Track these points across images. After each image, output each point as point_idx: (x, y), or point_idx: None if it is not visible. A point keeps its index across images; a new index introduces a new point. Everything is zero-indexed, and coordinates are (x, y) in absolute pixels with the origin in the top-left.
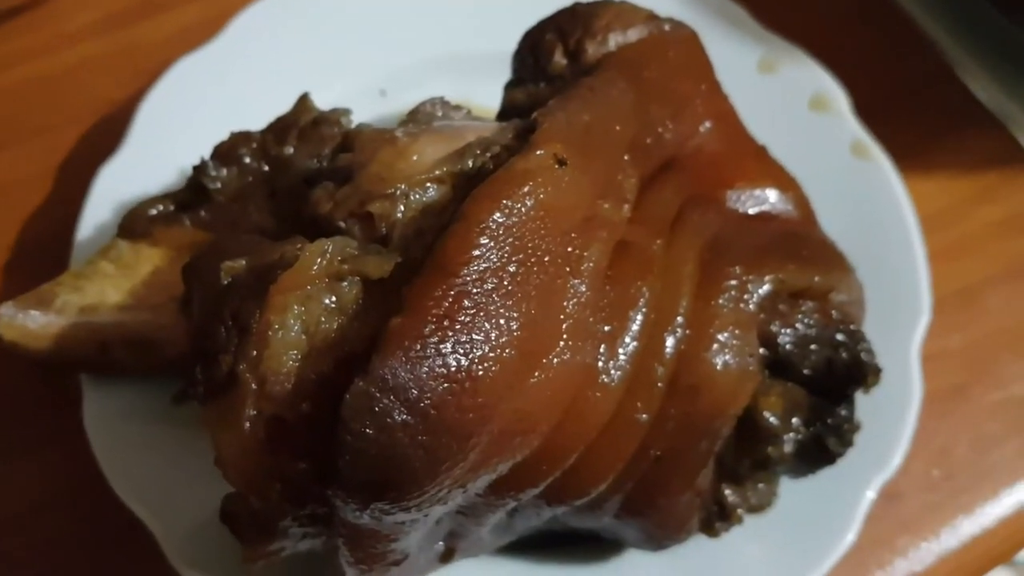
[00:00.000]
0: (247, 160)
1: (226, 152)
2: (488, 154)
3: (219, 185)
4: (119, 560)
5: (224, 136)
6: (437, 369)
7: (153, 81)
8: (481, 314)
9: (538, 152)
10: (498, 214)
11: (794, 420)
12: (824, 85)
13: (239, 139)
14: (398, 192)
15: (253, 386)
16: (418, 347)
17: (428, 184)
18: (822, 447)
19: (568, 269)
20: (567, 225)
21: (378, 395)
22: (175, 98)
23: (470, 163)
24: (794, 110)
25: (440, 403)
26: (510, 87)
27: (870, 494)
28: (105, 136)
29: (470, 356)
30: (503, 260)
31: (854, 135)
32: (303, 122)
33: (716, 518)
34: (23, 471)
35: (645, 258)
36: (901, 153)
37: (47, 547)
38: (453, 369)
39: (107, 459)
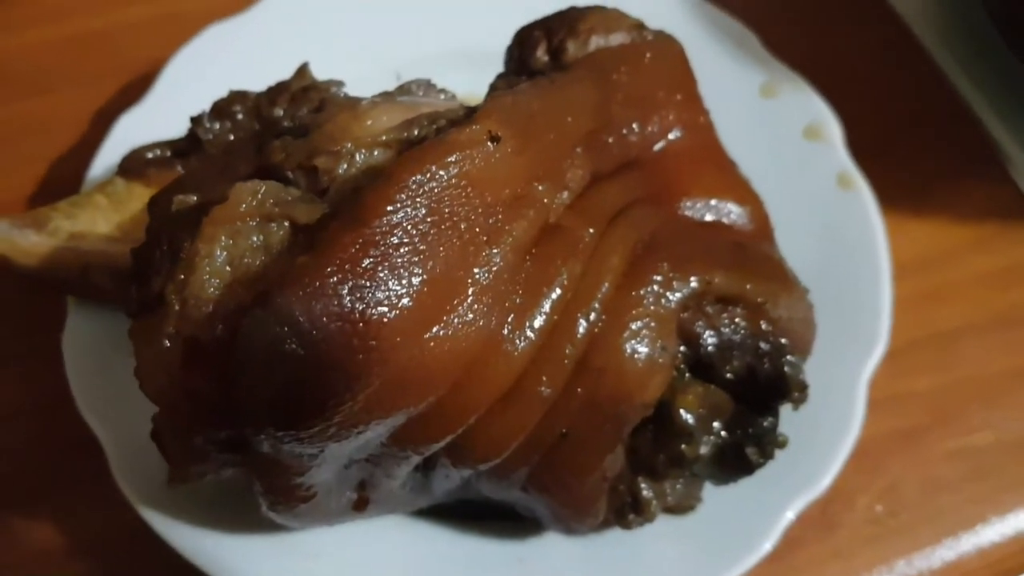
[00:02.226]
0: (240, 117)
1: (222, 108)
2: (434, 126)
3: (211, 137)
4: (74, 472)
5: None
6: (332, 307)
7: None
8: (385, 264)
9: (473, 127)
10: (419, 175)
11: (715, 424)
12: (820, 114)
13: (236, 97)
14: (343, 150)
15: (176, 307)
16: (317, 284)
17: (374, 147)
18: (741, 455)
19: (486, 238)
20: (492, 199)
21: (273, 323)
22: (199, 60)
23: (416, 132)
24: (788, 136)
25: (330, 339)
26: (496, 79)
27: (790, 513)
28: (138, 91)
29: (367, 301)
30: (417, 219)
31: (841, 165)
32: (296, 87)
33: (630, 509)
34: (1, 382)
35: (573, 242)
36: (899, 191)
37: (6, 454)
38: (347, 310)
39: (75, 373)
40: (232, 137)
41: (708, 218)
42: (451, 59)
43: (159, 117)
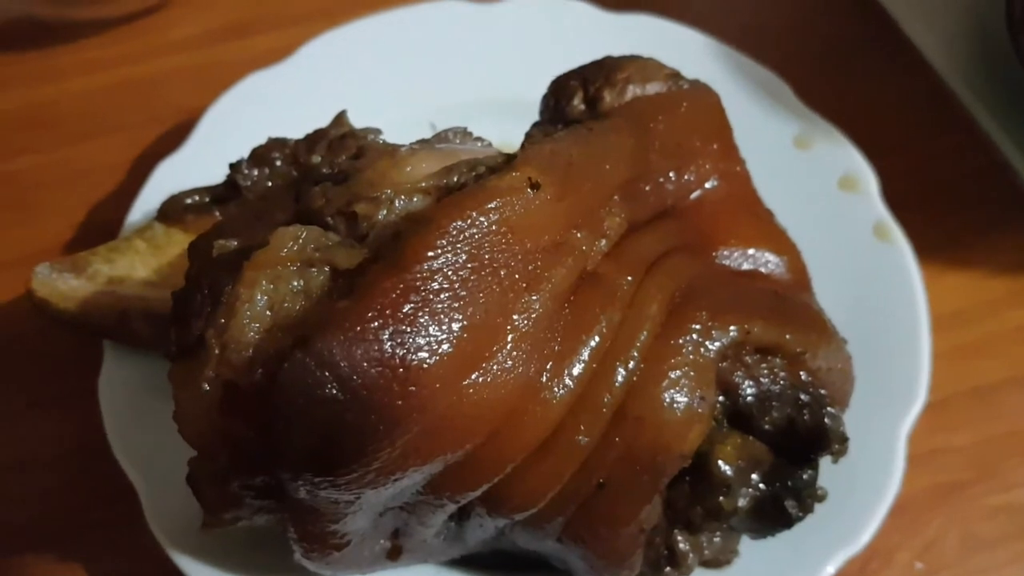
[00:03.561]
0: (278, 164)
1: (261, 155)
2: (473, 172)
3: (250, 183)
4: (107, 517)
5: None
6: (373, 353)
7: None
8: (425, 309)
9: (513, 173)
10: (460, 221)
11: (753, 476)
12: (855, 165)
13: (274, 144)
14: (383, 196)
15: (216, 351)
16: (358, 329)
17: (414, 193)
18: (780, 508)
19: (525, 285)
20: (532, 245)
21: (313, 367)
22: (237, 108)
23: (455, 179)
24: (823, 187)
25: (371, 385)
26: (533, 127)
27: (830, 568)
28: (177, 138)
29: (407, 346)
30: (457, 265)
31: (878, 217)
32: (334, 135)
33: (666, 563)
34: (37, 423)
35: (611, 290)
36: (936, 243)
37: (44, 496)
38: (387, 355)
39: (111, 419)
40: (270, 184)
41: (745, 267)
42: (484, 108)
43: (198, 163)
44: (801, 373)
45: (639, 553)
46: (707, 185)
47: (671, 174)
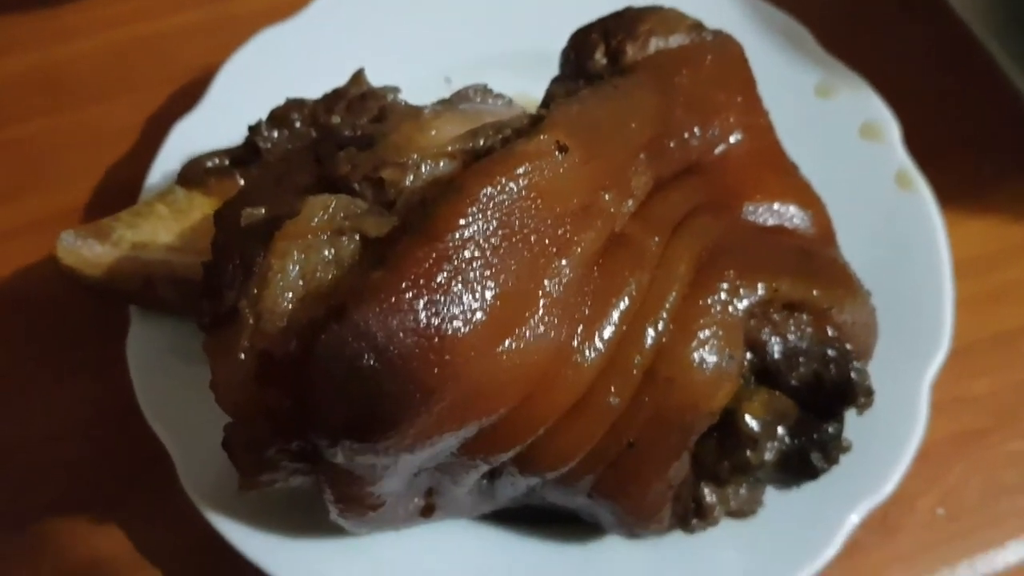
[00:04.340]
0: (297, 125)
1: (280, 116)
2: (500, 135)
3: (270, 145)
4: (141, 480)
5: None
6: (408, 323)
7: None
8: (458, 279)
9: (541, 137)
10: (490, 188)
11: (779, 430)
12: (877, 113)
13: (292, 106)
14: (410, 162)
15: (250, 320)
16: (393, 300)
17: (440, 158)
18: (805, 461)
19: (555, 250)
20: (561, 209)
21: (350, 339)
22: (252, 65)
23: (481, 142)
24: (845, 136)
25: (407, 354)
26: (553, 82)
27: (854, 518)
28: (191, 96)
29: (441, 315)
30: (488, 232)
31: (900, 165)
32: (352, 94)
33: (693, 515)
34: (66, 392)
35: (639, 251)
36: (957, 191)
37: (76, 465)
38: (423, 325)
39: (141, 383)
40: (290, 145)
41: (771, 223)
42: (500, 61)
43: (214, 123)
44: (827, 328)
45: (667, 507)
46: (731, 139)
47: (696, 129)
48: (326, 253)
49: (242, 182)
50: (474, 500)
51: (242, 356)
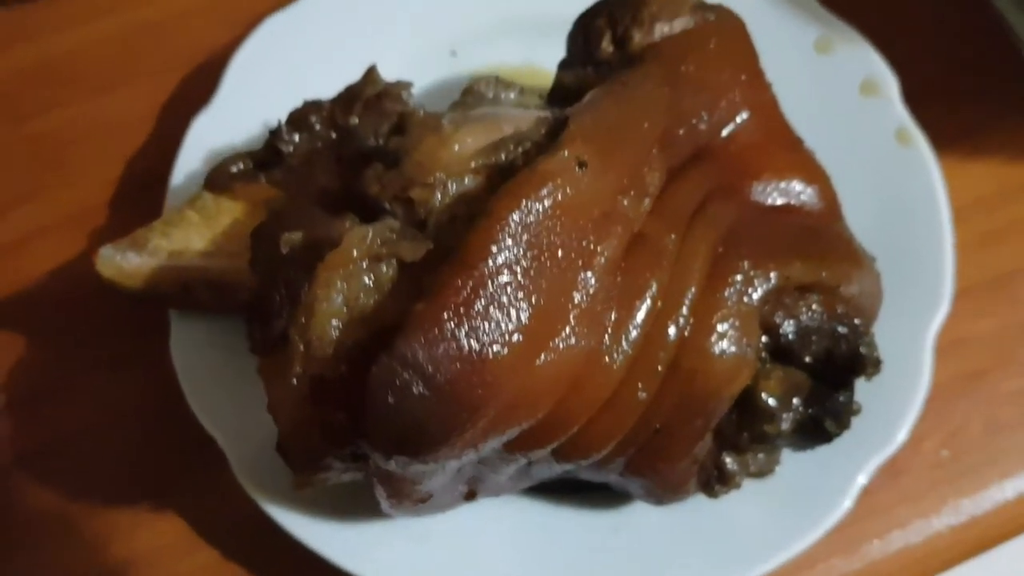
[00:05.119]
0: (317, 127)
1: (298, 119)
2: (520, 149)
3: (291, 149)
4: (189, 467)
5: (304, 90)
6: (452, 351)
7: (245, 32)
8: (495, 304)
9: (562, 154)
10: (517, 213)
11: (794, 400)
12: (876, 69)
13: (310, 108)
14: (436, 180)
15: (301, 347)
16: (436, 331)
17: (465, 174)
18: (819, 427)
19: (581, 263)
20: (584, 221)
21: (399, 370)
22: (262, 55)
23: (503, 156)
24: (844, 92)
25: (453, 379)
26: (561, 68)
27: (862, 479)
28: (201, 82)
29: (482, 340)
30: (519, 255)
31: (900, 121)
32: (368, 94)
33: (716, 481)
34: (107, 384)
35: (657, 251)
36: (952, 134)
37: (127, 454)
38: (466, 351)
39: (187, 380)
40: (310, 147)
41: (780, 201)
42: (503, 29)
43: (230, 118)
44: (837, 305)
45: (693, 480)
46: (737, 120)
47: (703, 114)
48: (366, 280)
49: (266, 184)
50: (513, 481)
51: (295, 381)
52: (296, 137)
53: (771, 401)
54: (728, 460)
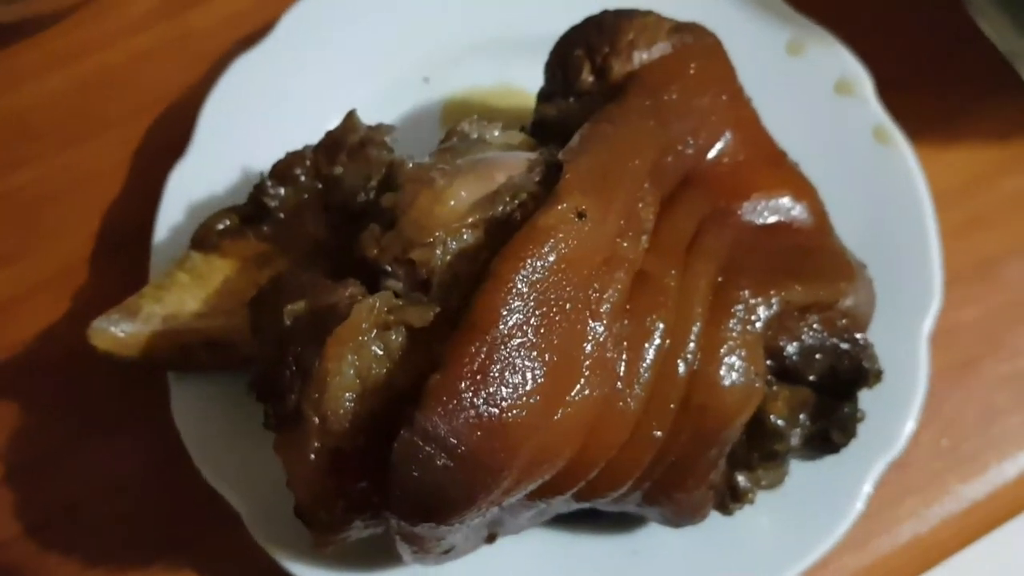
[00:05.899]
0: (302, 179)
1: (282, 172)
2: (516, 200)
3: (277, 203)
4: (194, 530)
5: (280, 130)
6: (471, 419)
7: (211, 69)
8: (509, 367)
9: (559, 207)
10: (522, 272)
11: (801, 416)
12: (850, 68)
13: (293, 159)
14: (436, 239)
15: (316, 420)
16: (455, 402)
17: (463, 230)
18: (827, 439)
19: (588, 313)
20: (587, 271)
21: (421, 444)
22: (233, 98)
23: (500, 208)
24: (820, 93)
25: (475, 448)
26: (541, 100)
27: (870, 483)
28: (171, 126)
29: (500, 405)
30: (528, 315)
31: (877, 119)
32: (351, 142)
33: (729, 500)
34: (108, 448)
35: (660, 290)
36: (926, 123)
37: (131, 520)
38: (485, 418)
39: (192, 441)
40: (296, 199)
41: (771, 220)
42: (473, 52)
43: (208, 166)
44: (836, 321)
45: (709, 505)
46: (722, 141)
47: (689, 139)
48: (376, 349)
49: (254, 239)
50: (531, 520)
51: (313, 456)
52: (281, 190)
53: (779, 422)
54: (740, 478)
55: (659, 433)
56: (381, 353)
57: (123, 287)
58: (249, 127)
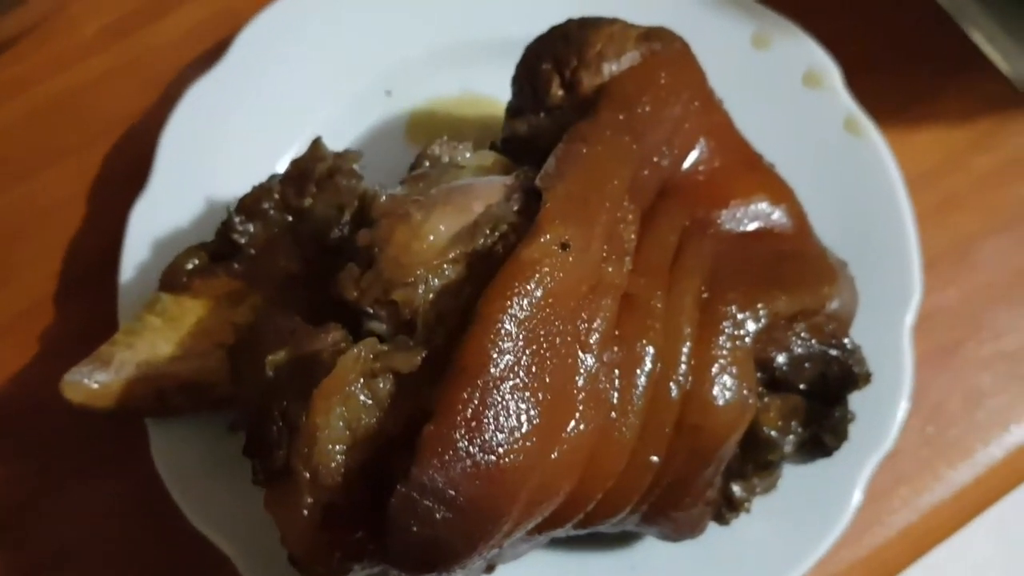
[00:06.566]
0: (271, 212)
1: (250, 206)
2: (497, 232)
3: (247, 239)
4: (189, 563)
5: (242, 155)
6: (468, 468)
7: (166, 92)
8: (503, 411)
9: (542, 239)
10: (510, 312)
11: (792, 423)
12: (817, 60)
13: (260, 193)
14: (417, 278)
15: (306, 475)
16: (450, 452)
17: (444, 266)
18: (819, 443)
19: (577, 345)
20: (574, 303)
21: (419, 498)
22: (191, 128)
23: (481, 241)
24: (788, 86)
25: (473, 497)
26: (511, 115)
27: (862, 481)
28: (129, 153)
29: (495, 451)
30: (517, 355)
31: (847, 111)
32: (319, 172)
33: (726, 510)
34: (90, 493)
35: (647, 312)
36: (895, 105)
37: (119, 564)
38: (482, 466)
39: (174, 484)
40: (265, 234)
41: (751, 226)
42: (434, 62)
43: (170, 198)
44: (823, 327)
45: (706, 520)
46: (696, 148)
47: (664, 149)
48: (364, 399)
49: (225, 277)
50: (530, 548)
51: (305, 512)
52: (250, 226)
53: (773, 433)
54: (736, 488)
55: (655, 458)
56: (370, 402)
57: (90, 326)
58: (210, 155)
